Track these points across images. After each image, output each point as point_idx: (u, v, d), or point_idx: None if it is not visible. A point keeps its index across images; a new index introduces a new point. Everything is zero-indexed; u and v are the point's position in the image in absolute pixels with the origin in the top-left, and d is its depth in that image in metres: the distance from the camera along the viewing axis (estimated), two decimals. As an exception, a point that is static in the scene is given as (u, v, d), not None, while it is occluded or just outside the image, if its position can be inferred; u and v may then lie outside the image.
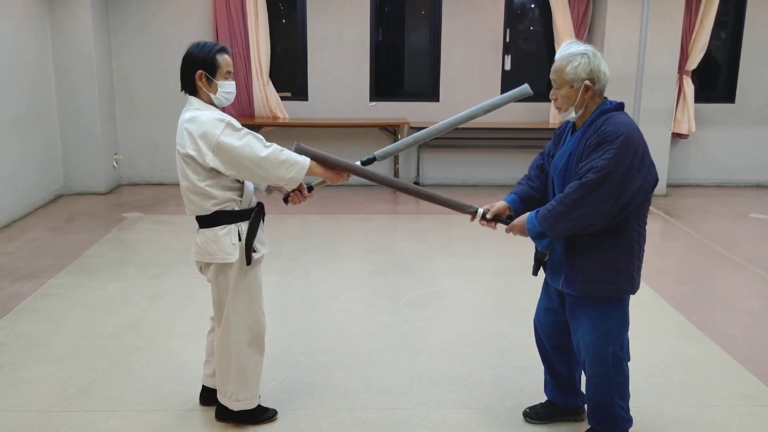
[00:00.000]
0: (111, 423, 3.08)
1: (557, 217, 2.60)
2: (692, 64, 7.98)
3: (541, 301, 3.07)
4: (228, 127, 2.70)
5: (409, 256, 5.66)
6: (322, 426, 3.09)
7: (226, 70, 2.81)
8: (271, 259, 5.44)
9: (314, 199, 7.52)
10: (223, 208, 2.80)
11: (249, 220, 2.86)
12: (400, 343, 3.96)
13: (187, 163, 2.75)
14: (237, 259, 2.82)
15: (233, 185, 2.83)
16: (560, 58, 2.68)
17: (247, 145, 2.70)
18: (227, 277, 2.86)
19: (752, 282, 5.11)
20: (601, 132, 2.57)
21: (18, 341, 3.92)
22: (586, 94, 2.64)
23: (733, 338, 4.07)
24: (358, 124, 7.85)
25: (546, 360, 3.11)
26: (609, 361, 2.77)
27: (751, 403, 3.32)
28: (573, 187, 2.57)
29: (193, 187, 2.78)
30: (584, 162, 2.59)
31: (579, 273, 2.70)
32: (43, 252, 5.56)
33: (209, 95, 2.80)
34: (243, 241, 2.83)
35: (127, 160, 8.14)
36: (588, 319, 2.76)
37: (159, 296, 4.66)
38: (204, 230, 2.84)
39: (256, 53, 7.72)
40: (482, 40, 8.09)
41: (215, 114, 2.75)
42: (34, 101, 6.93)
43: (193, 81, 2.79)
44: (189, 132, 2.71)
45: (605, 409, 2.84)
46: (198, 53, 2.78)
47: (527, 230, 2.73)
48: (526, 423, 3.13)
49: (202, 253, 2.86)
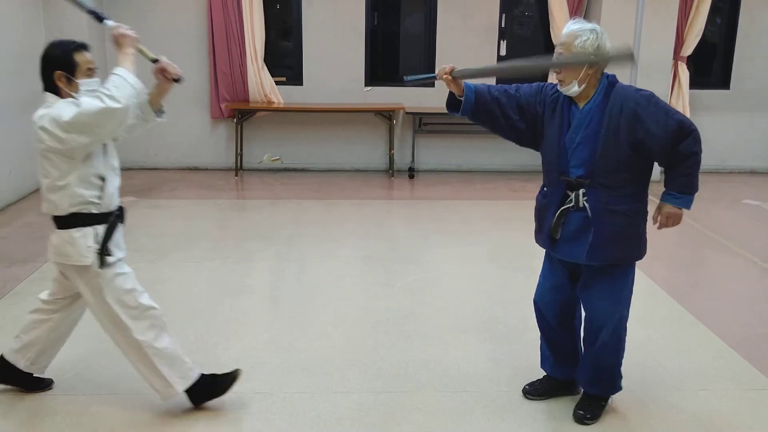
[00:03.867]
0: (107, 407, 3.10)
1: (697, 176, 2.80)
2: (687, 50, 7.98)
3: (545, 280, 3.11)
4: (69, 104, 2.64)
5: (405, 242, 5.67)
6: (318, 410, 3.11)
7: (86, 67, 2.75)
8: (266, 244, 5.46)
9: (309, 185, 7.45)
10: (80, 210, 2.77)
11: (107, 224, 2.83)
12: (395, 328, 3.98)
13: (47, 158, 2.70)
14: (92, 262, 2.79)
15: (95, 183, 2.78)
16: (568, 33, 2.75)
17: (87, 104, 2.61)
18: (94, 280, 2.83)
19: (745, 267, 5.14)
20: (631, 98, 2.71)
21: (14, 325, 3.90)
22: (591, 69, 2.72)
23: (725, 323, 4.10)
24: (353, 109, 7.83)
25: (548, 337, 3.16)
26: (622, 323, 2.92)
27: (743, 387, 3.36)
28: (689, 145, 2.70)
29: (52, 186, 2.73)
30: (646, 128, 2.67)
31: (607, 243, 2.79)
32: (38, 236, 5.54)
33: (71, 94, 2.73)
34: (98, 244, 2.80)
35: (121, 144, 8.06)
36: (606, 286, 2.87)
37: (155, 281, 4.65)
38: (60, 231, 2.81)
39: (251, 37, 7.67)
40: (478, 25, 8.06)
41: (60, 101, 2.70)
42: (28, 87, 6.83)
43: (53, 82, 2.73)
44: (41, 126, 2.65)
45: (609, 371, 3.00)
46: (54, 53, 2.73)
47: (685, 208, 2.86)
48: (520, 406, 3.16)
49: (58, 254, 2.84)
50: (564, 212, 2.86)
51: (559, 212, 2.87)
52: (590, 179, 2.78)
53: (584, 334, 3.02)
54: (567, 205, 2.85)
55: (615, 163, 2.74)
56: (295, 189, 7.26)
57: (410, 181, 7.89)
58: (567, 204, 2.85)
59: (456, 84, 2.91)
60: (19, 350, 3.11)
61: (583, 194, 2.81)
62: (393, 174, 8.08)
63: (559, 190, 2.87)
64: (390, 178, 7.98)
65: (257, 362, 3.51)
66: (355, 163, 8.30)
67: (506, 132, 3.01)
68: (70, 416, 3.02)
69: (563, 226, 2.88)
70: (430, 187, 7.60)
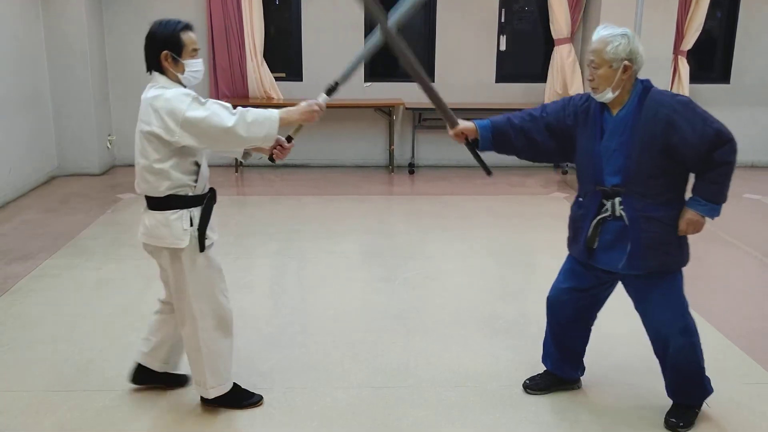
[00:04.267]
0: (108, 402, 3.10)
1: (728, 187, 2.73)
2: (687, 44, 7.97)
3: (566, 281, 3.05)
4: (194, 101, 2.64)
5: (404, 237, 5.67)
6: (318, 405, 3.11)
7: (192, 48, 2.74)
8: (266, 240, 5.46)
9: (309, 181, 7.48)
10: (176, 192, 2.75)
11: (202, 206, 2.82)
12: (395, 323, 3.99)
13: (150, 141, 2.69)
14: (187, 244, 2.77)
15: (191, 168, 2.78)
16: (599, 39, 2.72)
17: (214, 115, 2.63)
18: (182, 263, 2.81)
19: (745, 261, 5.15)
20: (665, 103, 2.68)
21: (14, 322, 3.93)
22: (625, 74, 2.69)
23: (724, 316, 4.11)
24: (352, 105, 7.82)
25: (557, 335, 3.15)
26: (690, 329, 2.87)
27: (743, 381, 3.37)
28: (724, 153, 2.64)
29: (150, 167, 2.72)
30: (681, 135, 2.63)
31: (645, 251, 2.75)
32: (38, 233, 5.56)
33: (177, 75, 2.74)
34: (194, 227, 2.79)
35: (120, 141, 8.10)
36: (660, 297, 2.84)
37: (154, 277, 4.60)
38: (155, 213, 2.78)
39: (250, 33, 7.67)
40: (477, 20, 8.05)
41: (180, 90, 2.69)
42: (27, 82, 6.88)
43: (159, 62, 2.72)
44: (155, 109, 2.64)
45: (694, 378, 2.94)
46: (162, 32, 2.70)
47: (709, 217, 2.79)
48: (521, 400, 3.17)
49: (151, 236, 2.81)
50: (600, 222, 2.83)
51: (596, 222, 2.83)
52: (626, 187, 2.74)
53: (654, 348, 2.96)
54: (603, 215, 2.82)
55: (650, 170, 2.70)
56: (296, 185, 7.26)
57: (410, 177, 7.89)
58: (603, 213, 2.82)
59: (464, 132, 3.01)
60: (150, 353, 3.13)
61: (620, 203, 2.77)
62: (393, 170, 8.08)
63: (596, 199, 2.83)
64: (390, 174, 7.98)
65: (258, 357, 3.52)
66: (355, 158, 8.30)
67: (534, 157, 3.06)
68: (71, 411, 3.03)
69: (600, 236, 2.84)
70: (430, 182, 7.60)
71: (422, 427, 2.96)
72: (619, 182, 2.76)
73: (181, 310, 2.92)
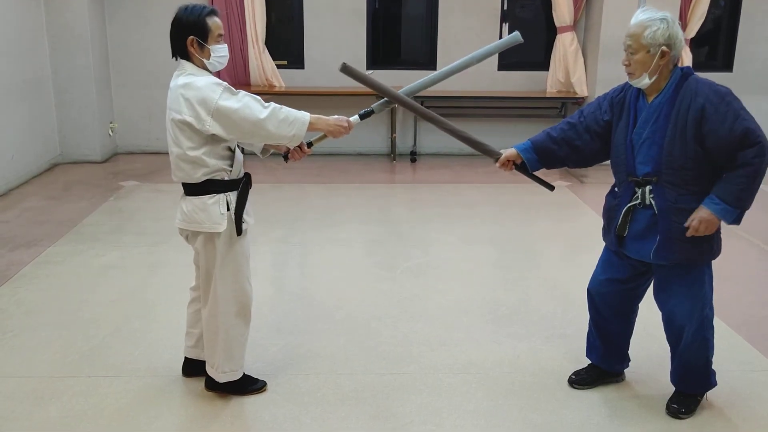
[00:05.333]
0: (114, 388, 3.12)
1: (753, 192, 2.64)
2: (691, 32, 7.93)
3: (604, 272, 3.04)
4: (226, 91, 2.65)
5: (407, 225, 5.68)
6: (322, 391, 3.13)
7: (217, 33, 2.74)
8: (269, 228, 5.46)
9: (311, 169, 7.50)
10: (212, 177, 2.77)
11: (238, 190, 2.83)
12: (398, 310, 4.00)
13: (182, 129, 2.69)
14: (225, 229, 2.79)
15: (225, 154, 2.78)
16: (637, 23, 2.67)
17: (247, 107, 2.65)
18: (215, 247, 2.83)
19: (747, 250, 5.15)
20: (703, 94, 2.61)
21: (19, 308, 3.94)
22: (662, 59, 2.65)
23: (726, 305, 4.11)
24: (354, 93, 7.79)
25: (600, 327, 3.13)
26: (706, 323, 2.85)
27: (744, 368, 3.38)
28: (747, 156, 2.57)
29: (184, 155, 2.72)
30: (710, 127, 2.58)
31: (675, 242, 2.72)
32: (41, 220, 5.57)
33: (202, 61, 2.74)
34: (231, 211, 2.80)
35: (122, 128, 8.09)
36: (683, 288, 2.81)
37: (158, 264, 4.69)
38: (192, 198, 2.80)
39: (252, 21, 7.64)
40: (480, 8, 8.02)
41: (211, 79, 2.70)
42: (29, 70, 6.87)
43: (185, 47, 2.72)
44: (186, 98, 2.64)
45: (699, 370, 2.94)
46: (188, 18, 2.70)
47: (724, 220, 2.69)
48: (523, 387, 3.19)
49: (189, 221, 2.82)
50: (631, 209, 2.80)
51: (626, 210, 2.80)
52: (657, 176, 2.70)
53: (667, 335, 2.98)
54: (634, 202, 2.79)
55: (682, 160, 2.65)
56: (298, 173, 7.26)
57: (412, 165, 7.89)
58: (634, 201, 2.79)
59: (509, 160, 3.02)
60: (195, 345, 3.15)
61: (650, 191, 2.73)
62: (395, 158, 8.07)
63: (629, 190, 2.81)
64: (392, 162, 7.97)
65: (262, 344, 3.53)
66: (357, 146, 8.29)
67: (584, 162, 3.00)
68: (76, 397, 3.05)
69: (631, 224, 2.81)
70: (432, 170, 7.60)
71: (425, 413, 2.98)
72: (650, 171, 2.72)
73: (205, 292, 2.94)
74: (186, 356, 3.22)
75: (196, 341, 3.14)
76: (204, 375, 3.10)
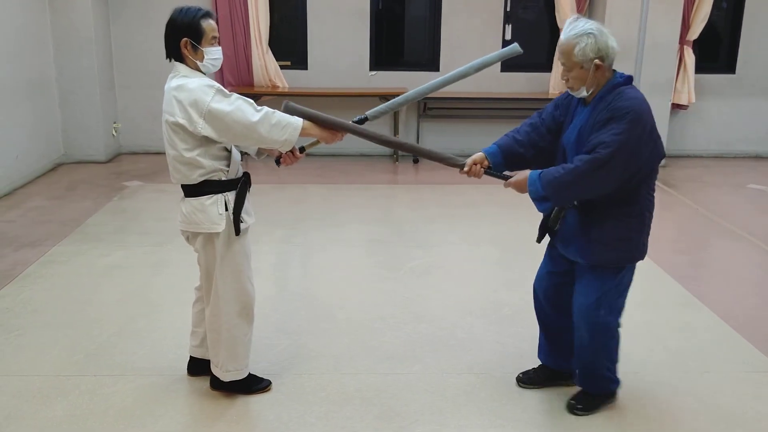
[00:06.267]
0: (119, 387, 3.14)
1: (564, 186, 2.63)
2: (693, 34, 7.94)
3: (544, 266, 3.12)
4: (218, 93, 2.66)
5: (409, 226, 5.69)
6: (326, 390, 3.15)
7: (211, 35, 2.75)
8: (272, 228, 5.48)
9: (313, 169, 7.50)
10: (210, 178, 2.78)
11: (236, 190, 2.84)
12: (401, 310, 4.02)
13: (176, 131, 2.70)
14: (224, 229, 2.81)
15: (221, 154, 2.79)
16: (566, 41, 2.67)
17: (239, 110, 2.65)
18: (215, 247, 2.85)
19: (749, 251, 5.16)
20: (611, 107, 2.60)
21: (24, 307, 3.96)
22: (597, 72, 2.65)
23: (729, 306, 4.13)
24: (357, 94, 7.82)
25: (544, 323, 3.17)
26: (601, 328, 2.84)
27: (747, 370, 3.39)
28: (582, 159, 2.59)
29: (180, 157, 2.73)
30: (594, 135, 2.61)
31: (594, 243, 2.74)
32: (46, 220, 5.59)
33: (196, 63, 2.75)
34: (230, 211, 2.82)
35: (126, 128, 8.11)
36: (585, 284, 2.83)
37: (162, 264, 4.71)
38: (190, 199, 2.82)
39: (255, 21, 7.66)
40: (483, 9, 8.03)
41: (204, 81, 2.70)
42: (33, 70, 6.89)
43: (179, 49, 2.73)
44: (178, 100, 2.65)
45: (593, 371, 2.95)
46: (182, 20, 2.71)
47: (529, 191, 2.73)
48: (526, 387, 3.20)
49: (188, 222, 2.84)
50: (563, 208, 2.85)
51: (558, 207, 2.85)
52: None
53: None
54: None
55: None
56: (300, 173, 7.28)
57: (414, 166, 7.91)
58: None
59: (476, 163, 2.99)
60: (200, 344, 3.17)
61: None
62: (397, 158, 8.09)
63: None
64: (395, 163, 7.99)
65: (266, 344, 3.55)
66: (359, 147, 8.31)
67: (549, 162, 2.93)
68: (82, 396, 3.06)
69: (563, 222, 2.86)
70: (434, 171, 7.60)
71: (428, 414, 2.99)
72: None
73: (207, 292, 2.96)
74: (191, 355, 3.24)
75: (201, 340, 3.16)
76: (209, 374, 3.11)
